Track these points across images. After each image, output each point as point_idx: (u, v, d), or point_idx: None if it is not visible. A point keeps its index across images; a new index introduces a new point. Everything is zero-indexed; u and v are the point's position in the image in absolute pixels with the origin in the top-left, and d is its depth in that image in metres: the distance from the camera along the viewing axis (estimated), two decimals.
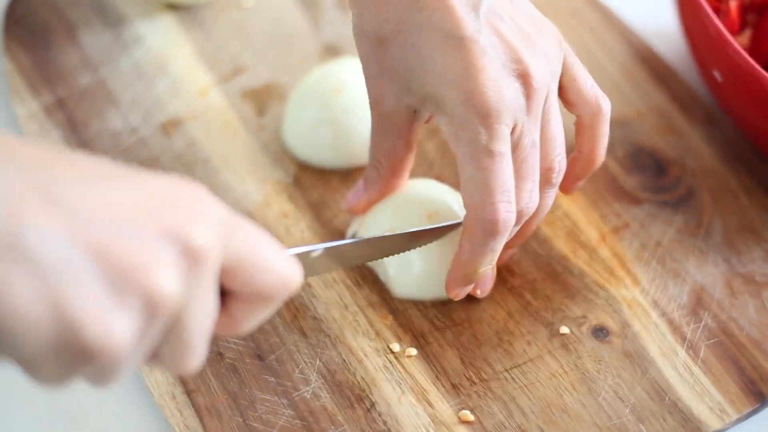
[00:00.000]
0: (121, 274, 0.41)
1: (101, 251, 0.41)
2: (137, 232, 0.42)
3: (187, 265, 0.43)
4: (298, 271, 0.48)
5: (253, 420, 0.60)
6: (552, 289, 0.67)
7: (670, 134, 0.76)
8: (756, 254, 0.69)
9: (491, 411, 0.61)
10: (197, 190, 0.45)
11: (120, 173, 0.44)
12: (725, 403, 0.62)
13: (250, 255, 0.46)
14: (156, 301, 0.42)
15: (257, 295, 0.47)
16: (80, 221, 0.41)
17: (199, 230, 0.43)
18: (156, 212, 0.43)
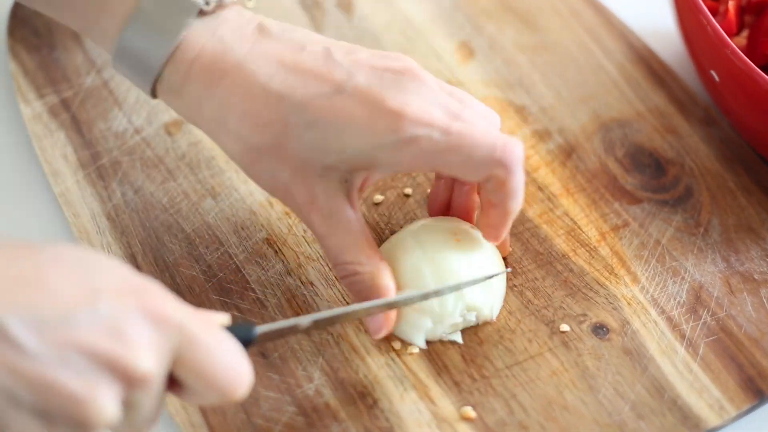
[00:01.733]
0: (56, 406, 0.46)
1: (40, 385, 0.45)
2: (80, 364, 0.46)
3: (128, 388, 0.48)
4: (244, 383, 0.51)
5: (256, 417, 0.61)
6: (552, 288, 0.67)
7: (669, 134, 0.77)
8: (754, 253, 0.70)
9: (493, 408, 0.62)
10: (153, 303, 0.48)
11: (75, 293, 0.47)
12: (724, 400, 0.63)
13: (199, 366, 0.50)
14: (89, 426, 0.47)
15: (204, 396, 0.51)
16: (25, 357, 0.45)
17: (141, 359, 0.47)
18: (100, 344, 0.46)
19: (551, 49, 0.82)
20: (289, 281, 0.67)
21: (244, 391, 0.51)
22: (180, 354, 0.49)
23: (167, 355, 0.49)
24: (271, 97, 0.59)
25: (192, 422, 0.61)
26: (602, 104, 0.79)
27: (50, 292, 0.47)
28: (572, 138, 0.76)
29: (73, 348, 0.46)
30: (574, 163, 0.75)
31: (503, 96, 0.79)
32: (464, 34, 0.83)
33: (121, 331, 0.47)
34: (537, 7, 0.85)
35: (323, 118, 0.59)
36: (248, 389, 0.51)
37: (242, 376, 0.51)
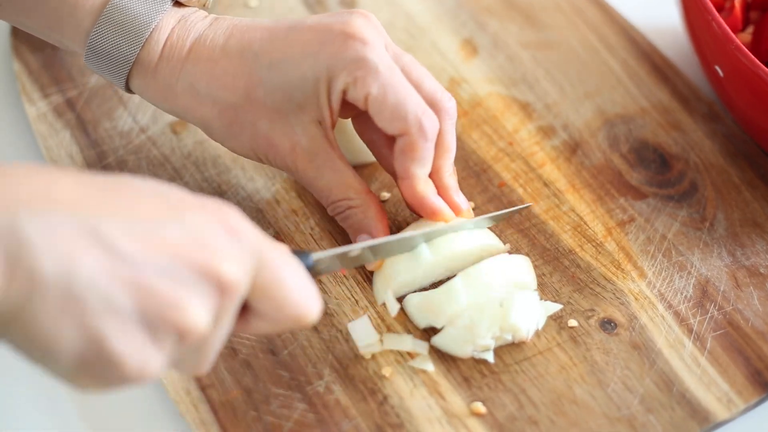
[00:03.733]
0: (156, 313, 0.46)
1: (140, 290, 0.46)
2: (173, 271, 0.47)
3: (218, 298, 0.48)
4: (317, 307, 0.52)
5: (267, 414, 0.61)
6: (560, 283, 0.68)
7: (674, 130, 0.77)
8: (760, 247, 0.70)
9: (502, 403, 0.62)
10: (232, 222, 0.49)
11: (161, 208, 0.48)
12: (732, 393, 0.63)
13: (275, 287, 0.51)
14: (187, 335, 0.47)
15: (275, 321, 0.52)
16: (122, 262, 0.46)
17: (229, 268, 0.48)
18: (191, 251, 0.47)
19: (555, 46, 0.83)
20: None
21: (315, 315, 0.52)
22: (256, 274, 0.50)
23: (249, 271, 0.49)
24: (232, 54, 0.64)
25: (203, 420, 0.61)
26: (606, 100, 0.79)
27: (136, 207, 0.47)
28: (577, 134, 0.77)
29: (166, 255, 0.46)
30: (579, 159, 0.75)
31: (507, 93, 0.79)
32: (468, 32, 0.83)
33: (208, 241, 0.48)
34: (540, 4, 0.85)
35: (281, 56, 0.63)
36: (319, 314, 0.52)
37: (314, 300, 0.52)
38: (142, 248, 0.46)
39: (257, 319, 0.52)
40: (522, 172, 0.74)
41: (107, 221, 0.46)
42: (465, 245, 0.65)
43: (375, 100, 0.62)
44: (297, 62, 0.63)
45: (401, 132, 0.63)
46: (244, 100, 0.64)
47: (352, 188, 0.65)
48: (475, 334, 0.62)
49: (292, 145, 0.64)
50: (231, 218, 0.50)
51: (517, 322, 0.63)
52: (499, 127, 0.77)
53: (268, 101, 0.63)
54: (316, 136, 0.64)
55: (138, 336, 0.46)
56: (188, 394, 0.62)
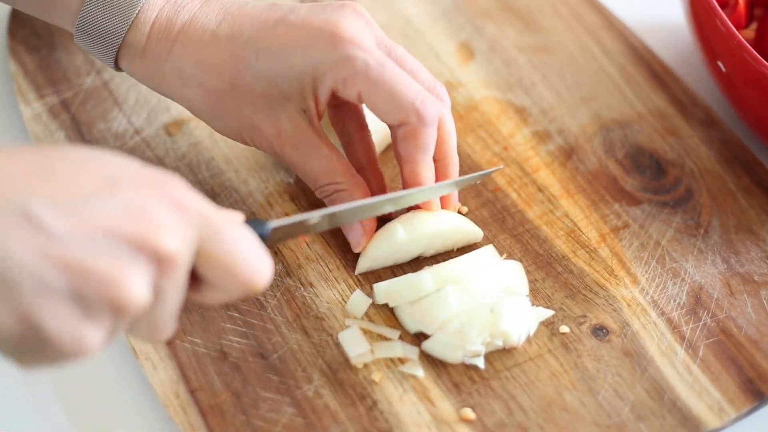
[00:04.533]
0: (90, 289, 0.46)
1: (72, 268, 0.45)
2: (108, 247, 0.46)
3: (158, 270, 0.47)
4: (267, 273, 0.52)
5: (255, 418, 0.61)
6: (552, 289, 0.67)
7: (670, 135, 0.77)
8: (754, 254, 0.70)
9: (492, 409, 0.62)
10: (174, 193, 0.49)
11: (96, 181, 0.47)
12: (724, 402, 0.63)
13: (222, 255, 0.50)
14: (124, 309, 0.46)
15: (226, 289, 0.51)
16: (54, 241, 0.45)
17: (168, 239, 0.47)
18: (127, 225, 0.46)
19: (552, 51, 0.82)
20: (288, 282, 0.67)
21: (265, 282, 0.51)
22: (203, 244, 0.49)
23: (192, 242, 0.49)
24: (222, 40, 0.64)
25: (191, 423, 0.61)
26: (603, 105, 0.79)
27: (69, 182, 0.46)
28: (572, 139, 0.76)
29: (99, 231, 0.46)
30: (574, 164, 0.75)
31: (503, 97, 0.79)
32: (464, 35, 0.83)
33: (145, 214, 0.47)
34: (538, 8, 0.85)
35: (270, 47, 0.63)
36: (269, 281, 0.52)
37: (264, 266, 0.51)
38: (75, 225, 0.45)
39: (208, 288, 0.51)
40: (516, 177, 0.73)
41: (38, 200, 0.45)
42: (439, 226, 0.66)
43: (368, 96, 0.63)
44: (285, 55, 0.63)
45: (400, 121, 0.64)
46: (230, 86, 0.64)
47: (338, 172, 0.65)
48: (466, 340, 0.62)
49: (276, 131, 0.65)
50: (173, 189, 0.49)
51: (508, 328, 0.63)
52: (495, 131, 0.76)
53: (255, 88, 0.64)
54: (301, 124, 0.65)
55: (72, 314, 0.46)
56: (177, 397, 0.61)
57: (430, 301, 0.63)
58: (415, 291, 0.63)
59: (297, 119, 0.64)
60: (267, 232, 0.56)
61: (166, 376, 0.62)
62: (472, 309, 0.62)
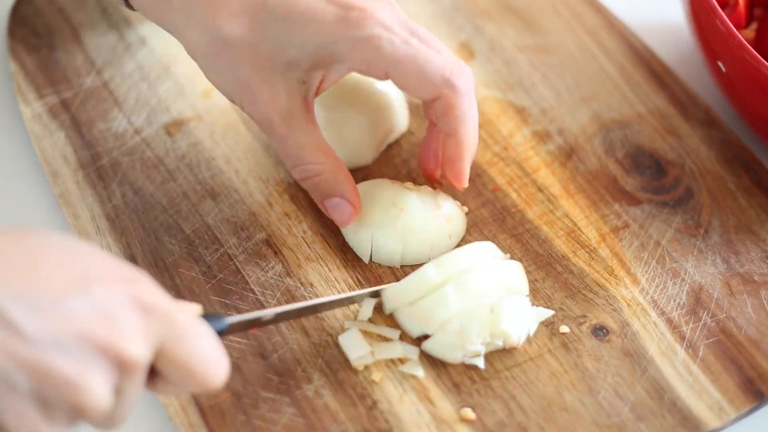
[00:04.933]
0: (53, 391, 0.46)
1: (37, 369, 0.45)
2: (73, 349, 0.46)
3: (119, 374, 0.48)
4: (222, 374, 0.51)
5: (256, 418, 0.61)
6: (552, 289, 0.67)
7: (670, 135, 0.77)
8: (754, 254, 0.70)
9: (492, 409, 0.62)
10: (142, 293, 0.49)
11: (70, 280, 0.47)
12: (724, 402, 0.63)
13: (181, 357, 0.50)
14: (85, 412, 0.47)
15: (181, 386, 0.51)
16: (21, 341, 0.45)
17: (132, 346, 0.47)
18: (95, 328, 0.47)
19: (552, 51, 0.82)
20: (288, 282, 0.67)
21: (220, 383, 0.51)
22: (163, 344, 0.49)
23: (154, 343, 0.49)
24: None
25: (191, 423, 0.61)
26: (603, 105, 0.79)
27: (42, 278, 0.46)
28: (572, 139, 0.76)
29: (69, 333, 0.46)
30: (574, 164, 0.75)
31: (503, 97, 0.79)
32: (464, 35, 0.83)
33: (113, 317, 0.47)
34: (538, 8, 0.85)
35: (290, 13, 0.61)
36: (224, 381, 0.52)
37: (220, 368, 0.51)
38: (45, 325, 0.45)
39: (164, 383, 0.51)
40: (516, 177, 0.73)
41: (10, 296, 0.45)
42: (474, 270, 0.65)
43: (395, 74, 0.62)
44: (304, 26, 0.61)
45: (433, 95, 0.63)
46: (236, 38, 0.62)
47: (323, 151, 0.64)
48: (466, 340, 0.62)
49: (271, 97, 0.62)
50: (139, 288, 0.49)
51: (508, 328, 0.63)
52: (495, 131, 0.76)
53: (261, 48, 0.62)
54: (297, 96, 0.63)
55: (33, 415, 0.46)
56: (177, 397, 0.61)
57: (430, 302, 0.63)
58: (420, 286, 0.63)
59: (294, 89, 0.63)
60: (224, 327, 0.56)
61: None
62: (472, 309, 0.62)
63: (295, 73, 0.62)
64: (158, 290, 0.50)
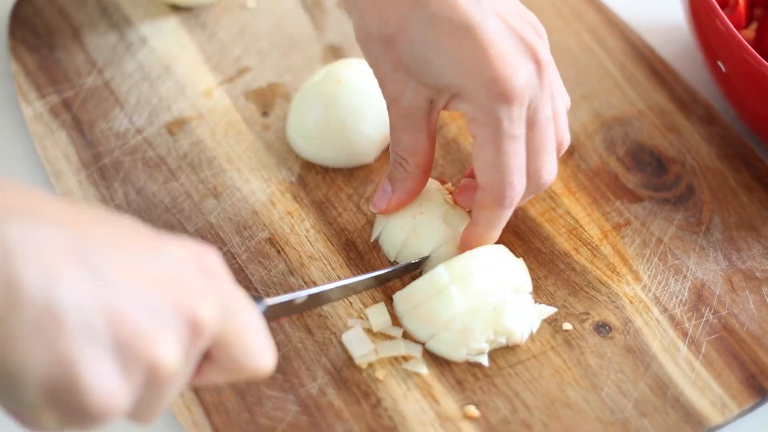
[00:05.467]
0: (131, 343, 0.45)
1: (118, 318, 0.44)
2: (153, 304, 0.45)
3: (190, 337, 0.47)
4: (272, 359, 0.51)
5: (260, 416, 0.61)
6: (555, 286, 0.68)
7: (671, 132, 0.77)
8: (756, 251, 0.70)
9: (496, 406, 0.62)
10: (209, 263, 0.49)
11: (144, 240, 0.47)
12: (727, 398, 0.63)
13: (237, 337, 0.49)
14: (157, 371, 0.45)
15: (231, 370, 0.50)
16: (104, 286, 0.44)
17: (206, 308, 0.47)
18: (172, 286, 0.46)
19: (552, 49, 0.82)
20: (291, 281, 0.67)
21: (270, 369, 0.51)
22: (224, 320, 0.49)
23: (219, 316, 0.48)
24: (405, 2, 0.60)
25: (195, 422, 0.61)
26: (603, 103, 0.79)
27: (118, 236, 0.46)
28: (573, 137, 0.76)
29: (148, 286, 0.45)
30: (576, 162, 0.75)
31: None
32: None
33: (187, 279, 0.47)
34: (538, 6, 0.85)
35: (439, 40, 0.60)
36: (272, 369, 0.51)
37: (271, 353, 0.51)
38: (125, 275, 0.45)
39: (212, 368, 0.50)
40: None
41: (93, 242, 0.45)
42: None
43: (476, 145, 0.61)
44: (445, 59, 0.60)
45: (481, 186, 0.63)
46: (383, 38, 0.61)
47: (416, 157, 0.64)
48: (470, 338, 0.62)
49: (396, 97, 0.63)
50: (209, 258, 0.49)
51: (512, 326, 0.63)
52: None
53: (402, 56, 0.61)
54: (420, 108, 0.63)
55: (108, 365, 0.44)
56: (181, 396, 0.62)
57: (435, 302, 0.63)
58: (431, 288, 0.63)
59: (420, 102, 0.62)
60: (264, 309, 0.57)
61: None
62: (475, 307, 0.62)
63: (425, 92, 0.62)
64: (223, 263, 0.50)
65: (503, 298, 0.63)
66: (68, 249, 0.44)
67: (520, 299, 0.64)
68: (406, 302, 0.64)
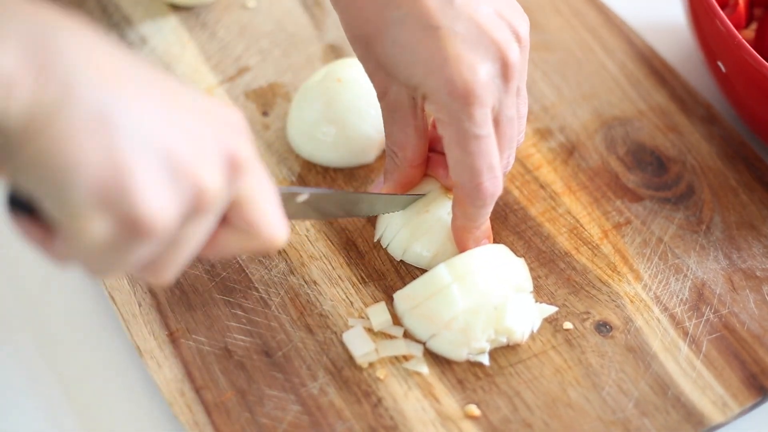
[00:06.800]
0: (181, 164, 0.46)
1: (171, 140, 0.46)
2: (201, 136, 0.47)
3: (229, 172, 0.48)
4: (285, 233, 0.52)
5: (261, 416, 0.61)
6: (555, 286, 0.68)
7: (671, 132, 0.77)
8: (756, 250, 0.70)
9: (497, 405, 0.62)
10: (238, 118, 0.50)
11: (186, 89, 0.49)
12: (727, 397, 0.63)
13: (256, 198, 0.51)
14: (202, 195, 0.47)
15: (246, 233, 0.51)
16: (158, 102, 0.46)
17: (245, 147, 0.49)
18: (214, 126, 0.48)
19: (553, 48, 0.83)
20: (292, 280, 0.67)
21: (285, 239, 0.52)
22: (240, 194, 0.50)
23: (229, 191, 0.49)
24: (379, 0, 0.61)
25: (197, 421, 0.61)
26: (604, 102, 0.79)
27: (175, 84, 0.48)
28: (574, 136, 0.77)
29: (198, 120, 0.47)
30: (576, 162, 0.75)
31: None
32: None
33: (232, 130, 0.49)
34: (538, 6, 0.85)
35: (408, 47, 0.60)
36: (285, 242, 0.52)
37: (283, 227, 0.52)
38: (178, 107, 0.47)
39: (228, 232, 0.51)
40: (518, 174, 0.74)
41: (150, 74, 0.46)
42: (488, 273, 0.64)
43: (446, 145, 0.62)
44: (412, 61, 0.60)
45: (454, 185, 0.63)
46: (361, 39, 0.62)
47: (404, 152, 0.65)
48: (470, 338, 0.62)
49: (383, 91, 0.64)
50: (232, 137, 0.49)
51: (512, 325, 0.63)
52: None
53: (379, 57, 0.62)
54: (405, 102, 0.63)
55: (160, 178, 0.45)
56: (182, 395, 0.62)
57: (436, 301, 0.63)
58: (432, 287, 0.63)
59: (404, 97, 0.63)
60: None
61: (171, 375, 0.62)
62: (476, 306, 0.62)
63: (405, 90, 0.63)
64: (246, 141, 0.50)
65: (504, 297, 0.63)
66: (122, 62, 0.45)
67: (521, 298, 0.64)
68: (406, 301, 0.64)
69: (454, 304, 0.62)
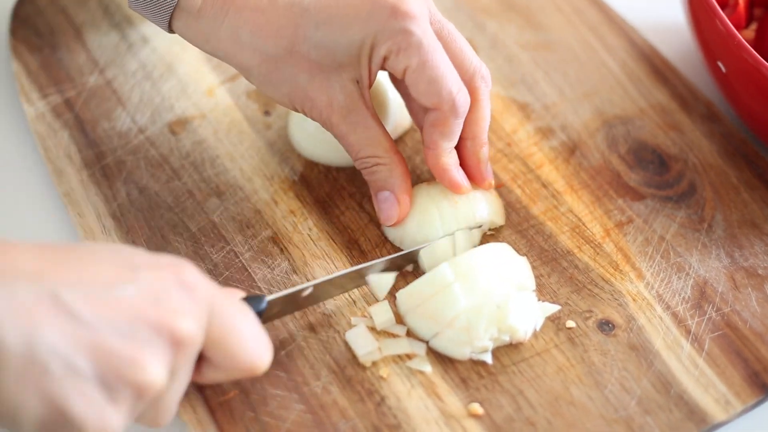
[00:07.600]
0: (115, 372, 0.48)
1: (98, 352, 0.48)
2: (130, 331, 0.49)
3: (174, 353, 0.50)
4: (267, 356, 0.55)
5: (264, 415, 0.61)
6: (558, 284, 0.68)
7: (672, 130, 0.77)
8: (758, 248, 0.70)
9: (500, 404, 0.62)
10: (186, 276, 0.52)
11: (117, 270, 0.50)
12: (730, 395, 0.63)
13: (227, 338, 0.54)
14: (145, 391, 0.49)
15: (228, 369, 0.55)
16: (81, 326, 0.48)
17: (184, 323, 0.51)
18: (147, 309, 0.50)
19: (554, 47, 0.83)
20: (295, 279, 0.67)
21: (266, 365, 0.54)
22: (209, 326, 0.52)
23: (203, 324, 0.51)
24: (280, 7, 0.63)
25: (200, 421, 0.61)
26: (605, 101, 0.79)
27: (92, 271, 0.49)
28: (575, 135, 0.77)
29: (124, 315, 0.49)
30: (578, 160, 0.75)
31: (506, 94, 0.79)
32: (466, 33, 0.83)
33: (163, 298, 0.50)
34: (539, 4, 0.85)
35: (331, 16, 0.63)
36: (268, 364, 0.55)
37: (265, 349, 0.55)
38: (100, 311, 0.48)
39: (211, 369, 0.54)
40: (520, 173, 0.74)
41: (67, 288, 0.48)
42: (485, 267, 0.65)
43: (413, 73, 0.64)
44: (345, 25, 0.63)
45: (434, 107, 0.65)
46: (286, 53, 0.64)
47: (382, 146, 0.66)
48: (473, 336, 0.62)
49: (329, 99, 0.65)
50: (184, 272, 0.52)
51: (515, 323, 0.63)
52: (498, 128, 0.77)
53: (311, 56, 0.64)
54: (353, 93, 0.65)
55: (97, 397, 0.48)
56: (186, 395, 0.61)
57: (438, 300, 0.63)
58: (434, 285, 0.63)
59: (350, 89, 0.65)
60: (263, 307, 0.59)
61: None
62: (479, 305, 0.62)
63: (348, 72, 0.64)
64: (201, 275, 0.52)
65: (507, 296, 0.63)
66: (43, 300, 0.47)
67: (523, 297, 0.64)
68: (409, 300, 0.64)
69: (456, 302, 0.62)
